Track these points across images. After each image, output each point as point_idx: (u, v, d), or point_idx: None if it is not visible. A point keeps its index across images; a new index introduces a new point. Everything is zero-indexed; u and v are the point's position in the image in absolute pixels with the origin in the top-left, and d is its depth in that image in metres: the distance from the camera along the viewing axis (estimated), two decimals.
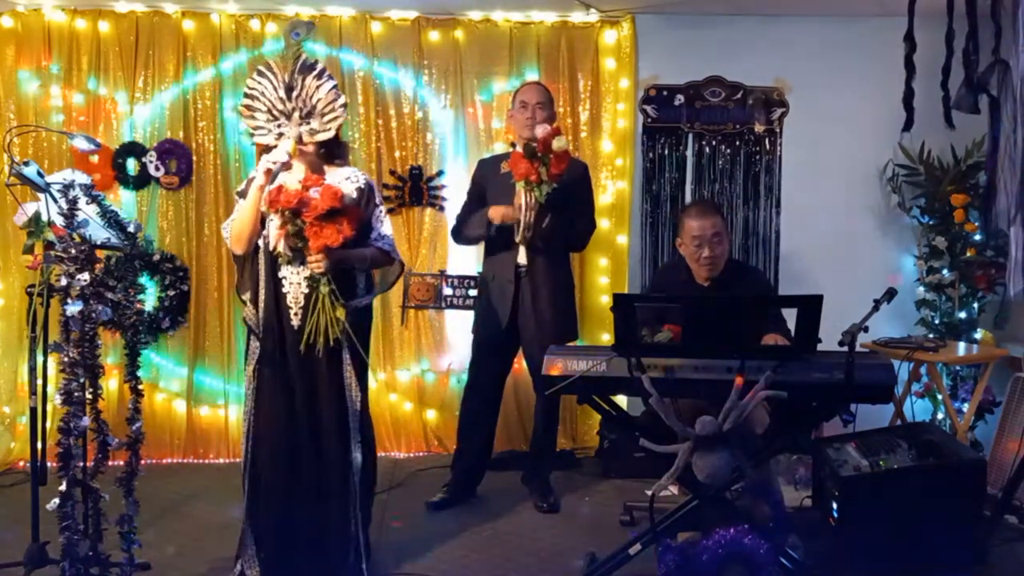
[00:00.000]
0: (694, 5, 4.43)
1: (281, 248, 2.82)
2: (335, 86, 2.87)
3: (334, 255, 2.78)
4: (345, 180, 2.93)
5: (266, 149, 2.89)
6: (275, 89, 2.86)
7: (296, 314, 2.87)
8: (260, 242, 2.90)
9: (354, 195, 2.91)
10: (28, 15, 4.40)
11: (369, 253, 2.96)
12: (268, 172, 2.79)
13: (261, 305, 2.91)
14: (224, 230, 3.00)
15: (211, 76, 4.47)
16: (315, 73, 2.86)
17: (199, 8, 4.44)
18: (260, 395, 2.92)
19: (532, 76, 4.55)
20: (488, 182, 3.83)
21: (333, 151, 2.97)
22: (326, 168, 2.96)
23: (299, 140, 2.85)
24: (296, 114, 2.86)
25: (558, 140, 3.47)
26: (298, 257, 2.82)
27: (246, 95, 2.92)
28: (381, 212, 3.03)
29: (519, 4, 4.47)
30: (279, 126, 2.88)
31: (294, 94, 2.85)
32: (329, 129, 2.87)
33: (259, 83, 2.89)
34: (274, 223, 2.81)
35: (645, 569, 2.89)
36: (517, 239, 3.65)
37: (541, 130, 3.48)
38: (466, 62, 4.57)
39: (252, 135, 2.96)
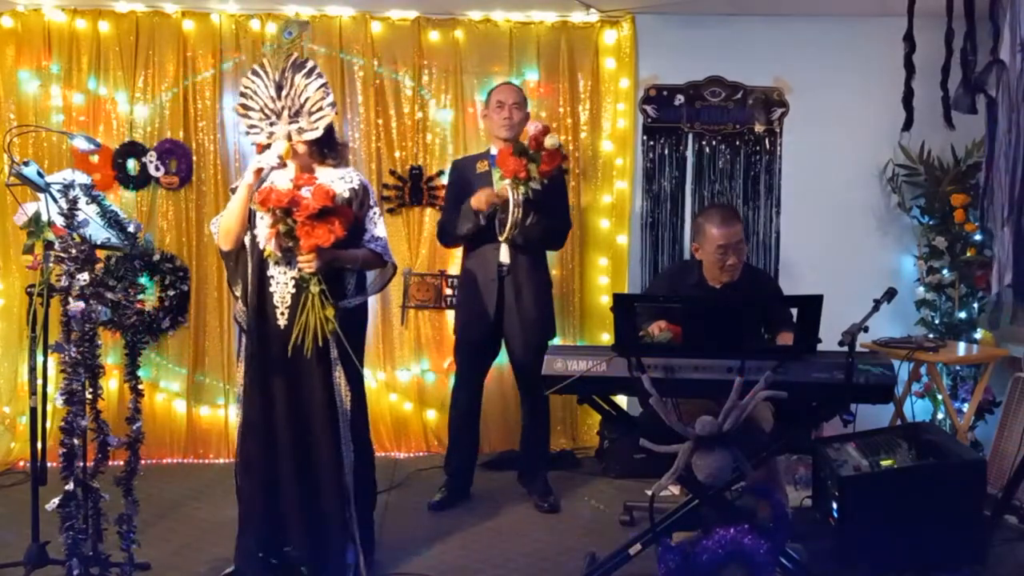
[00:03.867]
0: (694, 5, 4.43)
1: (271, 248, 2.79)
2: (324, 84, 2.83)
3: (325, 255, 2.77)
4: (339, 180, 2.92)
5: (267, 148, 2.87)
6: (266, 88, 2.85)
7: (283, 314, 2.86)
8: (247, 240, 2.90)
9: (346, 195, 2.90)
10: (28, 15, 4.40)
11: (361, 254, 2.95)
12: (258, 172, 2.78)
13: (250, 303, 2.91)
14: (212, 226, 3.00)
15: (211, 76, 4.47)
16: (304, 71, 2.83)
17: (199, 8, 4.44)
18: (249, 395, 2.93)
19: (532, 76, 4.56)
20: (466, 182, 3.78)
21: (325, 150, 2.94)
22: (319, 168, 2.94)
23: (288, 139, 2.83)
24: (285, 113, 2.84)
25: (550, 137, 3.45)
26: (287, 257, 2.80)
27: (241, 94, 2.92)
28: (375, 214, 3.01)
29: (519, 4, 4.47)
30: (271, 125, 2.86)
31: (283, 93, 2.83)
32: (316, 128, 2.84)
33: (253, 82, 2.88)
34: (264, 222, 2.77)
35: (645, 569, 2.89)
36: (502, 237, 3.62)
37: (534, 127, 3.46)
38: (466, 62, 4.57)
39: (247, 133, 2.95)
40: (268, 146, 2.84)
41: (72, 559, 2.57)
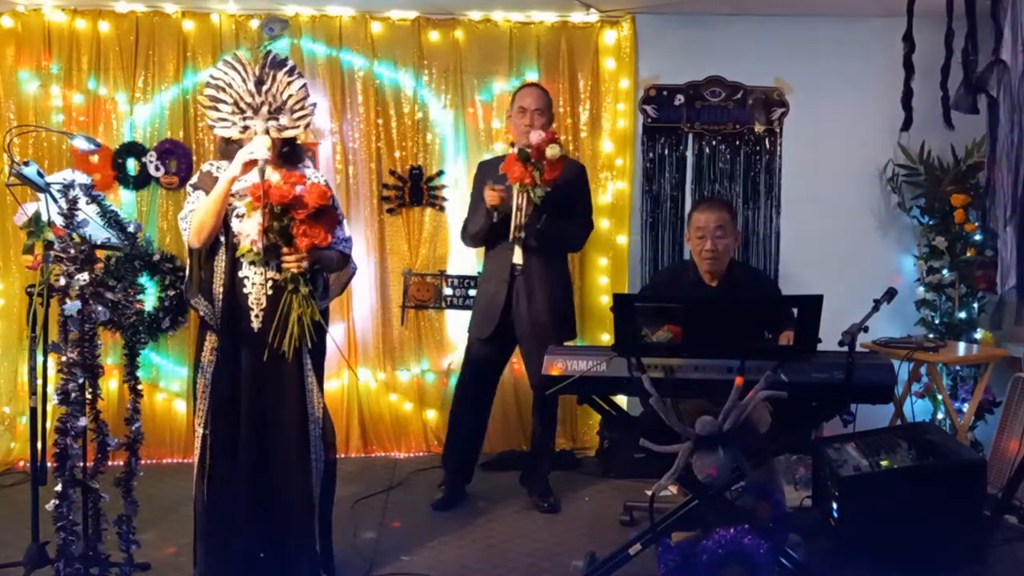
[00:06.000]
0: (694, 5, 4.43)
1: (257, 247, 2.68)
2: (305, 84, 2.80)
3: (314, 255, 2.72)
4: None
5: (229, 142, 2.79)
6: (244, 82, 2.75)
7: (257, 316, 2.75)
8: (221, 238, 2.78)
9: None
10: (28, 15, 4.40)
11: (335, 255, 2.89)
12: (249, 164, 2.67)
13: (218, 304, 2.77)
14: (182, 222, 2.83)
15: None
16: (286, 69, 2.78)
17: (199, 8, 4.44)
18: (216, 398, 2.78)
19: (532, 76, 4.54)
20: (486, 184, 3.82)
21: (296, 152, 2.89)
22: (283, 166, 2.83)
23: (267, 135, 2.74)
24: (264, 108, 2.76)
25: (551, 148, 3.48)
26: (268, 256, 2.69)
27: (211, 85, 2.79)
28: (340, 215, 2.92)
29: (519, 4, 4.47)
30: (244, 119, 2.76)
31: (264, 88, 2.75)
32: (298, 126, 2.78)
33: (226, 74, 2.77)
34: (253, 219, 2.65)
35: (645, 569, 2.89)
36: (511, 239, 3.66)
37: (536, 136, 3.50)
38: (466, 62, 4.57)
39: (213, 127, 2.83)
40: (238, 141, 2.76)
41: (60, 560, 2.55)
